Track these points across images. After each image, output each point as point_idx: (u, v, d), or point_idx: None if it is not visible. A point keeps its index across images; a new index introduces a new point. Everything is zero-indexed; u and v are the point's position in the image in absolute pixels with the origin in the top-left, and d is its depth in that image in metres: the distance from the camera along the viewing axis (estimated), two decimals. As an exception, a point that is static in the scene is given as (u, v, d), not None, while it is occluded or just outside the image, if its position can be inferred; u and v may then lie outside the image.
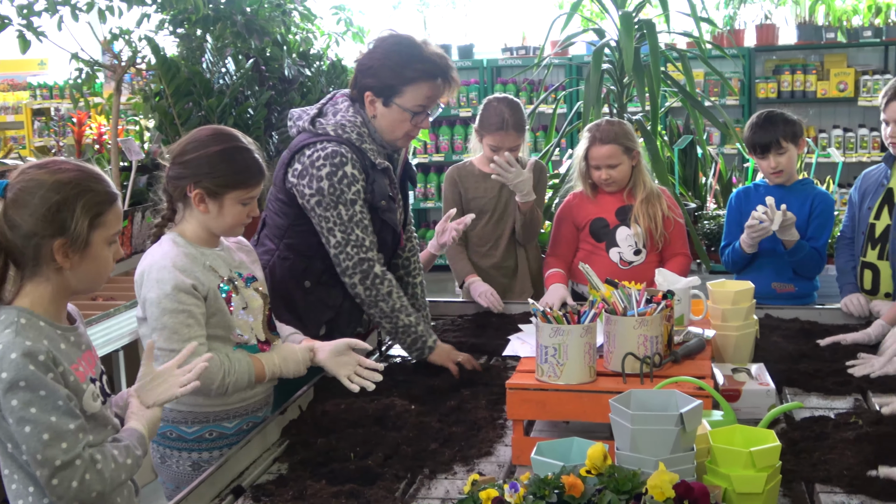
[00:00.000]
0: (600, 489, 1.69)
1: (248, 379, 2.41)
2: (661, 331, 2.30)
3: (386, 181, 2.86)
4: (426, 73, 2.78)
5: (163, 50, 4.60)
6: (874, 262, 3.43)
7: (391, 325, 2.84)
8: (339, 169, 2.73)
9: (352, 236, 2.77)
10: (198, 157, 2.39)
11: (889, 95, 3.36)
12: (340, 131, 2.78)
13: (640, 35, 4.66)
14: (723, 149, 7.42)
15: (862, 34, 7.61)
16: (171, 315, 2.32)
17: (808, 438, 2.25)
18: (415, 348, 2.86)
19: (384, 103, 2.80)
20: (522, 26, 8.54)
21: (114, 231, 1.97)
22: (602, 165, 3.57)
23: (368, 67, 2.82)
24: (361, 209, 2.78)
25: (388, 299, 2.81)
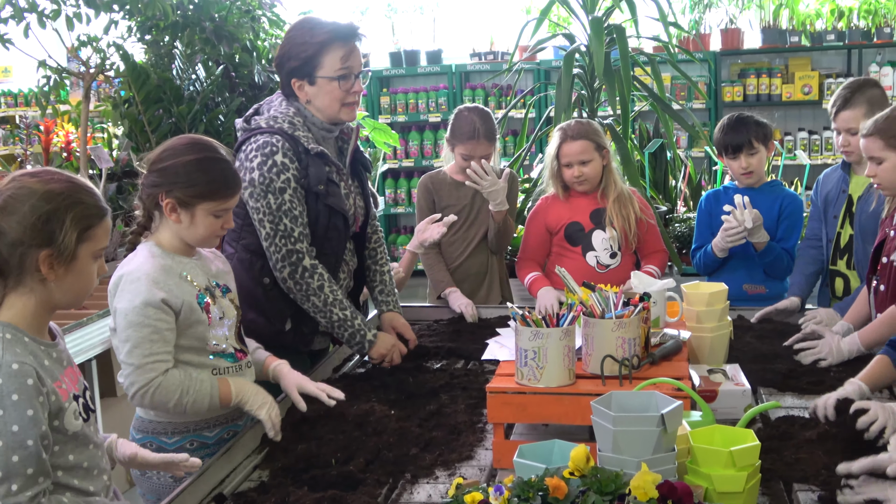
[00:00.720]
0: (584, 490, 1.70)
1: (208, 402, 2.36)
2: (638, 333, 2.32)
3: (325, 167, 2.88)
4: (333, 35, 2.82)
5: (132, 57, 4.57)
6: (843, 272, 3.48)
7: (326, 320, 2.86)
8: (269, 158, 2.77)
9: (280, 226, 2.78)
10: (172, 165, 2.37)
11: (837, 106, 3.41)
12: (272, 122, 2.83)
13: (609, 40, 4.69)
14: (690, 152, 7.48)
15: (825, 38, 7.71)
16: (136, 329, 2.30)
17: (784, 437, 2.28)
18: (354, 342, 2.89)
19: (310, 82, 2.85)
20: (490, 31, 8.57)
21: (101, 246, 1.95)
22: (574, 162, 3.59)
23: (283, 55, 2.89)
24: (291, 198, 2.79)
25: (319, 293, 2.83)
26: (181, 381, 2.33)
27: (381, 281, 3.22)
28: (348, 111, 2.93)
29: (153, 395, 2.30)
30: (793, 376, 2.77)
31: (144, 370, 2.29)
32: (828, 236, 3.54)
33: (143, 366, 2.29)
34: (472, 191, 3.80)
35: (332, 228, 2.91)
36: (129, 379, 2.30)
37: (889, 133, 2.84)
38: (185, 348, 2.38)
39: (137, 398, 2.31)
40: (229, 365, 2.47)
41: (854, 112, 3.35)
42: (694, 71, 7.59)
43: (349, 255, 3.08)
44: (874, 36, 7.63)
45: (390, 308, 3.20)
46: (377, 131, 6.08)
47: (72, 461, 1.89)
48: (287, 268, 2.79)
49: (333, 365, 3.06)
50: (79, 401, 1.93)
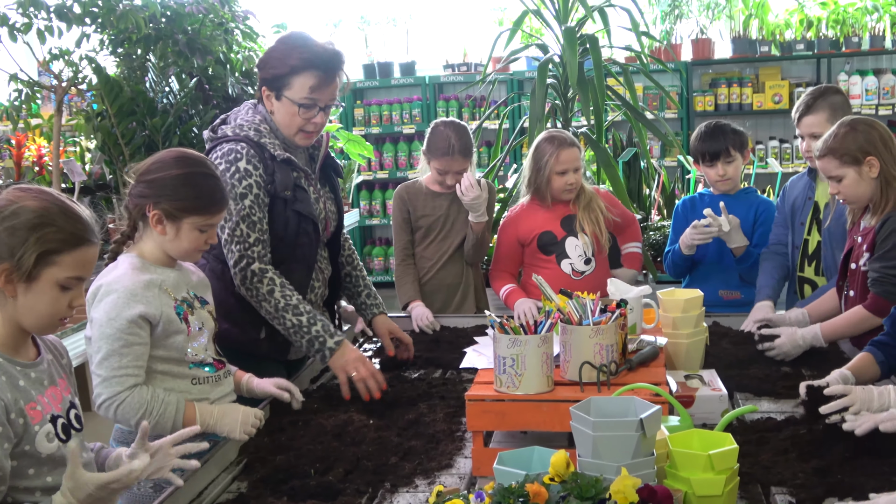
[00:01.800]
0: (564, 496, 1.70)
1: (171, 425, 2.34)
2: (616, 339, 2.33)
3: (292, 172, 2.88)
4: (309, 63, 2.80)
5: (104, 70, 4.55)
6: (812, 278, 3.52)
7: (282, 327, 2.78)
8: (232, 165, 2.77)
9: (236, 231, 2.77)
10: (161, 177, 2.37)
11: (801, 111, 3.46)
12: (238, 130, 2.83)
13: (582, 50, 4.72)
14: (663, 161, 7.53)
15: (795, 47, 7.79)
16: (108, 341, 2.29)
17: (761, 441, 2.29)
18: (313, 350, 2.75)
19: (276, 97, 2.85)
20: (464, 43, 8.60)
21: (70, 275, 1.90)
22: (570, 169, 3.62)
23: (263, 61, 2.90)
24: (252, 204, 2.78)
25: (269, 298, 2.76)
26: (146, 402, 2.31)
27: (365, 285, 3.24)
28: (303, 137, 2.92)
29: (117, 409, 2.29)
30: (769, 381, 2.79)
31: (111, 383, 2.28)
32: (794, 243, 3.58)
33: (110, 378, 2.28)
34: (447, 201, 3.82)
35: (303, 234, 2.90)
36: (97, 389, 2.30)
37: (841, 151, 2.90)
38: (164, 359, 2.37)
39: (103, 409, 2.30)
40: (208, 375, 2.46)
41: (817, 117, 3.40)
42: (666, 81, 7.65)
43: (324, 263, 3.07)
44: (843, 45, 7.72)
45: (381, 310, 3.21)
46: (351, 143, 6.08)
47: (50, 483, 1.87)
48: (238, 274, 2.77)
49: (311, 376, 3.05)
50: (57, 422, 1.90)
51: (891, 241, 2.85)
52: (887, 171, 2.88)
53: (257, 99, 2.94)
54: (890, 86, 7.62)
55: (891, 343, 2.53)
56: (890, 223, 2.86)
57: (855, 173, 2.89)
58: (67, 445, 1.94)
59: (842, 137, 2.90)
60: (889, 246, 2.85)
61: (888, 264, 2.84)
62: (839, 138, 2.91)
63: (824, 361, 2.90)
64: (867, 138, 2.89)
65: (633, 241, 3.87)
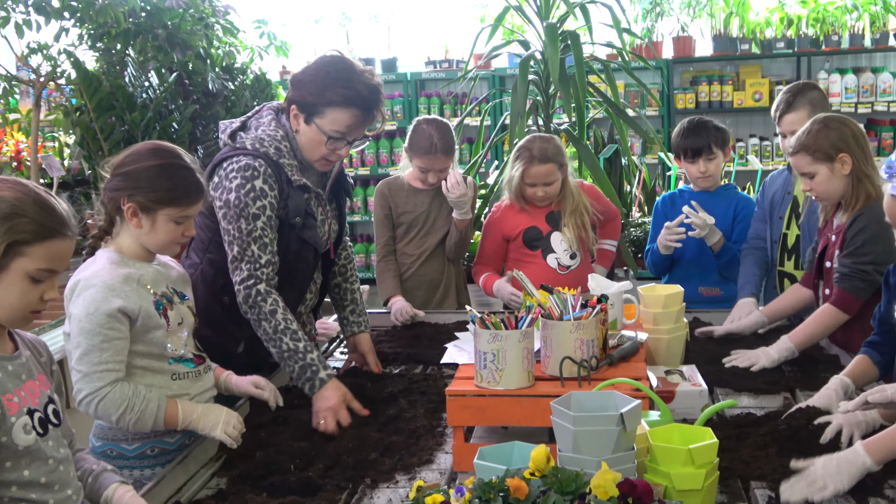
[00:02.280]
0: (545, 490, 1.70)
1: (152, 422, 2.31)
2: (596, 334, 2.33)
3: (305, 198, 2.79)
4: (347, 100, 2.68)
5: (83, 64, 4.52)
6: (791, 272, 3.53)
7: (276, 350, 2.66)
8: (248, 182, 2.67)
9: (247, 251, 2.67)
10: (135, 169, 2.34)
11: (781, 110, 3.48)
12: (258, 145, 2.71)
13: (564, 46, 4.72)
14: (644, 158, 7.55)
15: (775, 45, 7.83)
16: (87, 336, 2.26)
17: (741, 436, 2.30)
18: (304, 378, 2.61)
19: (305, 120, 2.73)
20: (445, 40, 8.59)
21: (41, 267, 1.86)
22: (539, 183, 3.60)
23: (298, 80, 2.76)
24: (264, 226, 2.68)
25: (270, 318, 2.65)
26: (127, 398, 2.28)
27: (353, 300, 3.12)
28: (323, 164, 2.82)
29: (97, 406, 2.26)
30: (748, 377, 2.80)
31: (92, 378, 2.25)
32: (773, 237, 3.59)
33: (90, 374, 2.25)
34: (429, 198, 3.81)
35: (302, 260, 2.83)
36: (77, 385, 2.27)
37: (813, 147, 2.92)
38: (144, 354, 2.35)
39: (83, 406, 2.27)
40: (188, 370, 2.44)
41: (798, 114, 3.42)
42: (647, 78, 7.67)
43: (317, 275, 3.03)
44: (822, 44, 7.76)
45: (361, 329, 3.08)
46: (333, 139, 6.05)
47: (27, 476, 1.84)
48: (243, 291, 2.69)
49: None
50: (34, 415, 1.88)
51: (861, 238, 2.87)
52: (859, 169, 2.90)
53: (283, 108, 2.81)
54: (869, 84, 7.66)
55: (881, 341, 2.54)
56: (860, 220, 2.88)
57: (827, 170, 2.91)
58: None
59: (815, 134, 2.92)
60: (859, 242, 2.87)
61: (858, 260, 2.86)
62: (812, 135, 2.93)
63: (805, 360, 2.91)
64: (840, 135, 2.91)
65: (610, 238, 3.87)
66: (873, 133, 7.63)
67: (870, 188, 2.89)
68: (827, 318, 2.91)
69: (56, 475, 1.89)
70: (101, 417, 2.30)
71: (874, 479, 2.04)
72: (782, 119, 3.47)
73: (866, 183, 2.90)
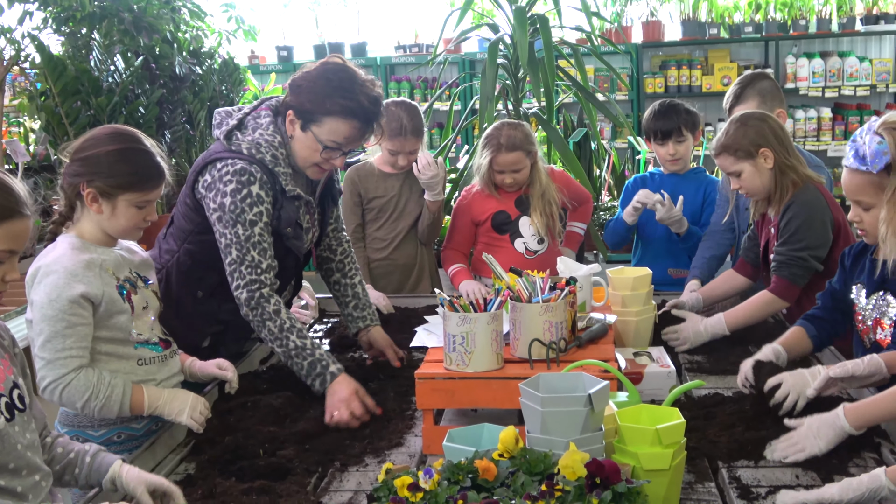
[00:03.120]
0: (513, 471, 1.71)
1: (118, 408, 2.30)
2: (565, 317, 2.34)
3: (296, 207, 2.75)
4: (347, 111, 2.62)
5: (48, 48, 4.46)
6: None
7: (283, 349, 2.62)
8: (244, 187, 2.61)
9: (247, 257, 2.63)
10: (94, 154, 2.32)
11: (731, 102, 3.55)
12: (255, 150, 2.64)
13: (533, 30, 4.72)
14: (614, 142, 7.57)
15: (743, 30, 7.87)
16: (50, 323, 2.24)
17: (709, 417, 2.32)
18: (314, 374, 2.57)
19: (302, 127, 2.67)
20: (415, 24, 8.56)
21: (2, 248, 1.85)
22: (507, 170, 3.60)
23: (298, 86, 2.68)
24: (262, 231, 2.64)
25: (275, 318, 2.62)
26: (91, 384, 2.26)
27: (354, 295, 3.05)
28: (315, 172, 2.76)
29: (62, 393, 2.24)
30: (716, 357, 2.82)
31: (55, 365, 2.23)
32: (741, 228, 3.62)
33: (54, 360, 2.23)
34: (399, 182, 3.80)
35: (282, 269, 2.77)
36: (41, 373, 2.25)
37: (734, 146, 2.98)
38: (108, 339, 2.33)
39: (48, 393, 2.25)
40: (155, 355, 2.42)
41: (747, 105, 3.46)
42: (616, 63, 7.68)
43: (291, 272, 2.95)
44: (790, 28, 7.81)
45: (367, 323, 3.00)
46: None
47: None
48: (245, 293, 2.64)
49: (261, 357, 3.03)
50: (0, 399, 1.86)
51: (792, 226, 2.93)
52: (781, 162, 2.96)
53: (278, 111, 2.74)
54: (836, 68, 7.72)
55: (824, 317, 2.59)
56: (791, 209, 2.95)
57: (751, 167, 2.97)
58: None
59: (733, 134, 2.99)
60: (792, 230, 2.92)
61: (793, 248, 2.91)
62: (731, 135, 2.99)
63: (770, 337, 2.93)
64: (758, 131, 2.97)
65: (580, 221, 3.88)
66: (840, 117, 7.69)
67: (794, 178, 2.98)
68: (764, 304, 2.97)
69: (24, 460, 1.87)
70: (66, 404, 2.29)
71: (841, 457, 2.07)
72: (732, 111, 3.51)
73: (790, 174, 2.98)
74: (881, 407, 2.07)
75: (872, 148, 2.24)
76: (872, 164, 2.24)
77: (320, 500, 2.00)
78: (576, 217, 3.88)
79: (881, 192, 2.27)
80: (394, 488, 1.67)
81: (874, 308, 2.42)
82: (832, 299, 2.59)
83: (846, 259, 2.56)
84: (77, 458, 2.04)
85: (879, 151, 2.24)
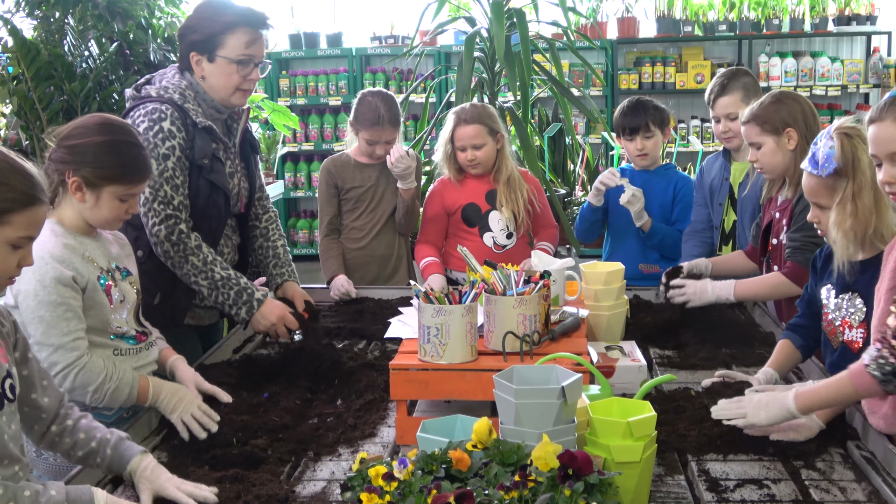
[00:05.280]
0: (486, 462, 1.73)
1: (127, 393, 2.30)
2: (539, 310, 2.35)
3: (211, 142, 2.87)
4: (242, 19, 2.84)
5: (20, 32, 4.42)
6: None
7: (208, 282, 2.78)
8: (156, 124, 2.76)
9: (160, 192, 2.75)
10: (82, 143, 2.30)
11: (715, 93, 3.56)
12: (163, 92, 2.82)
13: (510, 24, 4.73)
14: (588, 138, 7.61)
15: (717, 28, 7.93)
16: (49, 308, 2.23)
17: (679, 410, 2.35)
18: (241, 302, 2.79)
19: (209, 59, 2.85)
20: (391, 15, 8.55)
21: (22, 234, 1.84)
22: (467, 146, 3.63)
23: (187, 27, 2.89)
24: (174, 166, 2.77)
25: (197, 253, 2.78)
26: (106, 367, 2.27)
27: (275, 255, 3.19)
28: (240, 96, 2.93)
29: (76, 376, 2.23)
30: (687, 353, 2.85)
31: (66, 349, 2.22)
32: (714, 224, 3.66)
33: (63, 345, 2.22)
34: (376, 173, 3.81)
35: (212, 205, 2.87)
36: (50, 359, 2.22)
37: (763, 118, 3.00)
38: (88, 328, 2.31)
39: (60, 378, 2.23)
40: (130, 347, 2.41)
41: (731, 98, 3.50)
42: (591, 58, 7.71)
43: (230, 231, 3.05)
44: (763, 27, 7.88)
45: (286, 278, 3.16)
46: (276, 113, 6.01)
47: None
48: (164, 230, 2.74)
49: (234, 346, 3.03)
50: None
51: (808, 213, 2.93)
52: (803, 146, 2.96)
53: (181, 66, 2.91)
54: (808, 68, 7.80)
55: (806, 324, 2.61)
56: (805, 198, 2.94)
57: (773, 143, 2.99)
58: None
59: (766, 106, 3.02)
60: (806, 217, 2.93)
61: (808, 234, 2.92)
62: (764, 106, 3.02)
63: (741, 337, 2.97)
64: (790, 111, 2.99)
65: (548, 241, 3.79)
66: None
67: None
68: (776, 284, 2.99)
69: (7, 451, 1.85)
70: (78, 388, 2.25)
71: (807, 451, 2.10)
72: (716, 102, 3.54)
73: None
74: (823, 394, 2.12)
75: (824, 152, 2.31)
76: (822, 167, 2.31)
77: (293, 489, 2.00)
78: (543, 238, 3.80)
79: (834, 195, 2.33)
80: (368, 478, 1.68)
81: (841, 309, 2.45)
82: (808, 305, 2.61)
83: (818, 261, 2.59)
84: (99, 447, 2.03)
85: (830, 156, 2.31)
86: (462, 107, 3.74)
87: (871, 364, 2.05)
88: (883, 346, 2.04)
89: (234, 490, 1.95)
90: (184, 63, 2.89)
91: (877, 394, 2.09)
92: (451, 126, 3.67)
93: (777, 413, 2.11)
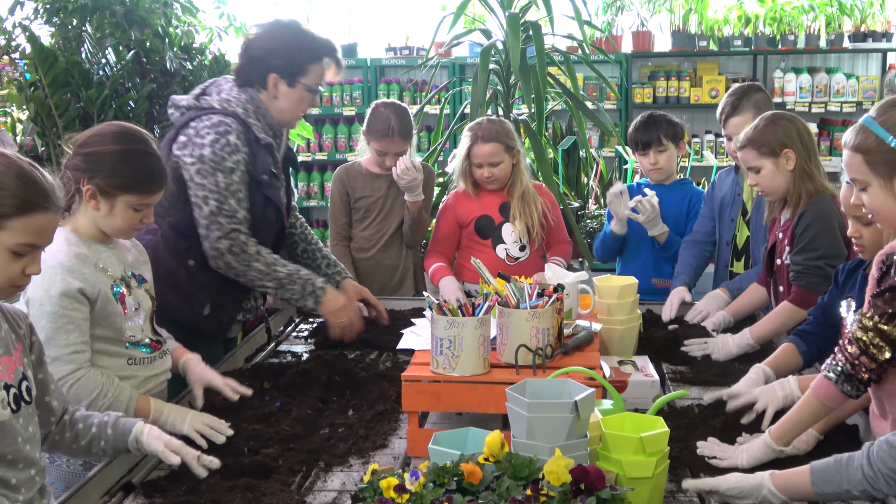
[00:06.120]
0: (498, 476, 1.72)
1: (124, 410, 2.28)
2: (552, 323, 2.35)
3: (269, 157, 2.90)
4: (328, 51, 2.92)
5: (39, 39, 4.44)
6: (740, 272, 3.59)
7: (274, 282, 2.85)
8: (222, 137, 2.78)
9: (225, 205, 2.78)
10: (98, 151, 2.30)
11: (726, 113, 3.55)
12: (226, 105, 2.84)
13: (525, 36, 4.74)
14: (602, 151, 7.60)
15: (732, 43, 7.92)
16: (51, 319, 2.23)
17: (691, 427, 2.34)
18: (307, 293, 2.89)
19: (289, 84, 2.88)
20: (406, 26, 8.56)
21: (22, 241, 1.82)
22: (484, 163, 3.64)
23: (269, 50, 2.89)
24: (239, 180, 2.80)
25: (259, 258, 2.84)
26: (101, 383, 2.26)
27: (323, 255, 3.29)
28: (295, 122, 3.03)
29: (70, 389, 2.23)
30: (699, 369, 2.84)
31: (62, 361, 2.22)
32: (725, 239, 3.65)
33: (60, 357, 2.22)
34: (386, 183, 3.82)
35: (265, 220, 2.92)
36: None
37: (760, 142, 3.00)
38: (101, 338, 2.32)
39: None
40: (145, 356, 2.42)
41: (743, 117, 3.48)
42: (606, 72, 7.70)
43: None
44: (779, 43, 7.86)
45: (343, 276, 3.26)
46: (291, 123, 6.01)
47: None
48: (226, 241, 2.79)
49: (245, 355, 3.03)
50: (10, 391, 1.84)
51: (809, 234, 2.94)
52: (802, 166, 2.98)
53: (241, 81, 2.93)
54: (823, 84, 7.78)
55: (815, 332, 2.60)
56: (806, 216, 2.96)
57: (772, 165, 3.00)
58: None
59: (761, 130, 3.02)
60: (808, 238, 2.94)
61: (809, 256, 2.92)
62: (759, 130, 3.02)
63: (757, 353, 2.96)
64: (785, 132, 2.99)
65: (561, 256, 3.78)
66: (826, 133, 7.75)
67: (810, 186, 2.98)
68: (786, 314, 2.96)
69: (22, 454, 1.86)
70: (72, 402, 2.24)
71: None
72: (727, 122, 3.54)
73: (808, 180, 2.99)
74: (795, 418, 2.14)
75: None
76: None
77: (304, 499, 2.00)
78: (556, 252, 3.79)
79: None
80: (379, 489, 1.68)
81: None
82: (823, 314, 2.61)
83: (840, 275, 2.58)
84: (100, 431, 2.06)
85: None
86: (479, 123, 3.73)
87: (825, 370, 2.09)
88: (839, 352, 2.08)
89: (244, 499, 1.96)
90: (249, 79, 2.91)
91: (837, 400, 2.11)
92: (467, 144, 3.67)
93: (759, 453, 2.12)
